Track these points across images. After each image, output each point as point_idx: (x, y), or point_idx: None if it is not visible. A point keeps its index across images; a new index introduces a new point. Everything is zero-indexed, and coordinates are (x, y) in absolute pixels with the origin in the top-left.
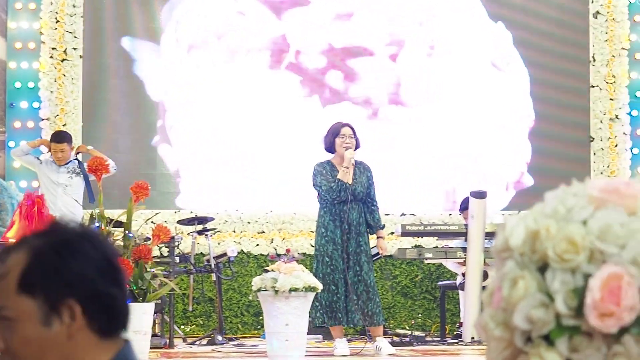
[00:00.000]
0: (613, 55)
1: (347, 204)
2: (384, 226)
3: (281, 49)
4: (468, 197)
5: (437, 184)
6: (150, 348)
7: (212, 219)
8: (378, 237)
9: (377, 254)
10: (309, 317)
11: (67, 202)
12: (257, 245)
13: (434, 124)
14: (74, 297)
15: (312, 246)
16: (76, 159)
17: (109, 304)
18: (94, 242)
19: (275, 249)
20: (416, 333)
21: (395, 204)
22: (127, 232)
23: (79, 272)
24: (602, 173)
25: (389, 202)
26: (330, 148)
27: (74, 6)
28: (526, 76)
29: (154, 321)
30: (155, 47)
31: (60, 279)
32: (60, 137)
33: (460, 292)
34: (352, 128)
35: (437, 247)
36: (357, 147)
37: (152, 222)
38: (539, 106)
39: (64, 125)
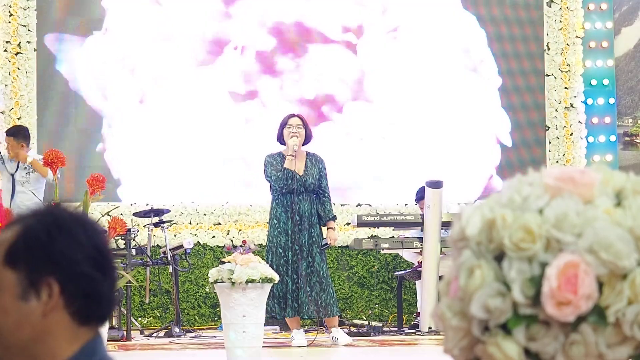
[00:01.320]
0: (567, 44)
1: (297, 194)
2: (334, 217)
3: (231, 38)
4: (423, 187)
5: (404, 185)
6: (108, 340)
7: (168, 211)
8: (328, 228)
9: (326, 243)
10: (272, 312)
11: (25, 199)
12: (214, 237)
13: (399, 120)
14: (55, 275)
15: None
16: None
17: (89, 289)
18: (87, 229)
19: (232, 241)
20: (373, 323)
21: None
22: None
23: (63, 252)
24: (557, 162)
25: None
26: (280, 139)
27: None
28: (497, 77)
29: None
30: (103, 40)
31: (43, 256)
32: (7, 130)
33: (417, 282)
34: (301, 119)
35: (393, 237)
36: (308, 137)
37: (108, 214)
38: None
39: (18, 119)
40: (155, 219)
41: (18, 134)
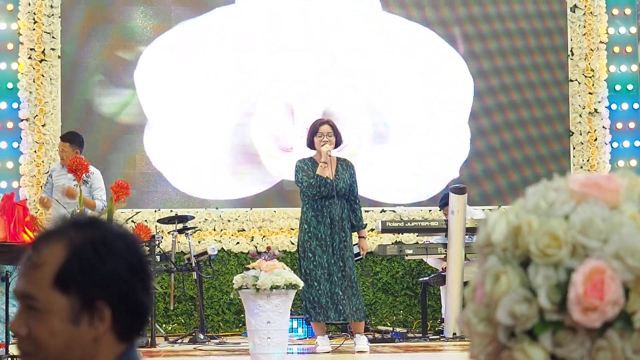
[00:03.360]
0: (591, 49)
1: (328, 199)
2: (365, 225)
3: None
4: (447, 194)
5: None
6: None
7: (192, 217)
8: (360, 237)
9: (358, 253)
10: (307, 314)
11: (60, 213)
12: (238, 243)
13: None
14: (105, 299)
15: (292, 243)
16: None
17: (135, 309)
18: (129, 243)
19: (256, 247)
20: (398, 329)
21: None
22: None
23: (114, 272)
24: (582, 167)
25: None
26: (311, 145)
27: (51, 7)
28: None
29: None
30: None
31: (95, 280)
32: (63, 136)
33: (441, 288)
34: (332, 125)
35: (417, 243)
36: (338, 143)
37: (132, 221)
38: (519, 100)
39: (43, 126)
40: (180, 226)
41: (74, 140)
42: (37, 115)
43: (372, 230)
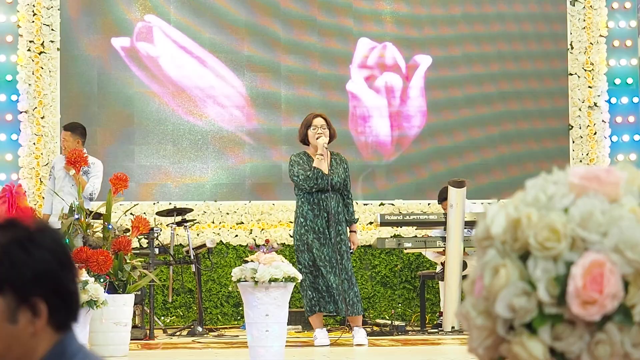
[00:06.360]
0: (591, 43)
1: (325, 192)
2: (357, 220)
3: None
4: (446, 187)
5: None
6: (131, 339)
7: (191, 210)
8: (351, 231)
9: (350, 248)
10: (311, 309)
11: (58, 205)
12: (236, 236)
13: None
14: (40, 293)
15: (291, 236)
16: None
17: (69, 300)
18: (54, 237)
19: (254, 240)
20: (396, 323)
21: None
22: (106, 223)
23: (45, 266)
24: (581, 161)
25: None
26: (304, 140)
27: None
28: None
29: (134, 312)
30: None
31: (28, 275)
32: (65, 125)
33: (440, 281)
34: (325, 118)
35: (416, 236)
36: (332, 136)
37: (131, 213)
38: (518, 94)
39: (42, 118)
40: (178, 218)
41: (75, 129)
42: (36, 108)
43: (371, 223)
